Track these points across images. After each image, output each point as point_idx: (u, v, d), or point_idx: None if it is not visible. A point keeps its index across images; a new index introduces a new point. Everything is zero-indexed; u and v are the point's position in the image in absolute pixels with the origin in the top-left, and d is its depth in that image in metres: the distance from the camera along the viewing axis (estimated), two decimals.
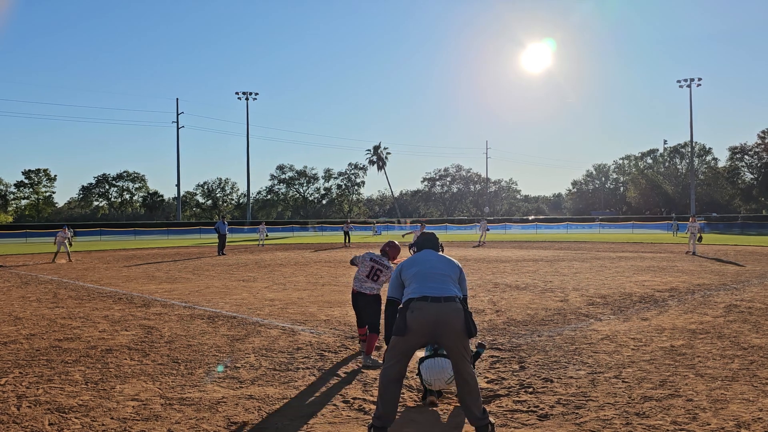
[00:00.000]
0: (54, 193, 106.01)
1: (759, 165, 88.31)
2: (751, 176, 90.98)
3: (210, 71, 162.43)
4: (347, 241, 35.88)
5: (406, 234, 28.62)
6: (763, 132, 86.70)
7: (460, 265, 4.53)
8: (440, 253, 4.68)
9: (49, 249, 24.72)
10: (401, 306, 4.25)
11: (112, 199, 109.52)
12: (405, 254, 5.44)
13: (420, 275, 4.30)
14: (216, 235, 27.78)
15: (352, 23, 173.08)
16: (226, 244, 29.22)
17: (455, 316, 4.07)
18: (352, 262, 6.90)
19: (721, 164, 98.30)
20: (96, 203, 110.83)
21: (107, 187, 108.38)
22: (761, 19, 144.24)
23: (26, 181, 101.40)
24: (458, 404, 4.63)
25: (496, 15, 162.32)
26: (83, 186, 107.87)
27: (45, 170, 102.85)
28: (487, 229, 36.57)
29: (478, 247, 31.13)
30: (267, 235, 41.10)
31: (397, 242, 6.77)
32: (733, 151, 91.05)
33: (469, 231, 62.29)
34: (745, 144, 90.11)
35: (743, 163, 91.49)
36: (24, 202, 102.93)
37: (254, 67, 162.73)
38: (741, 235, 48.37)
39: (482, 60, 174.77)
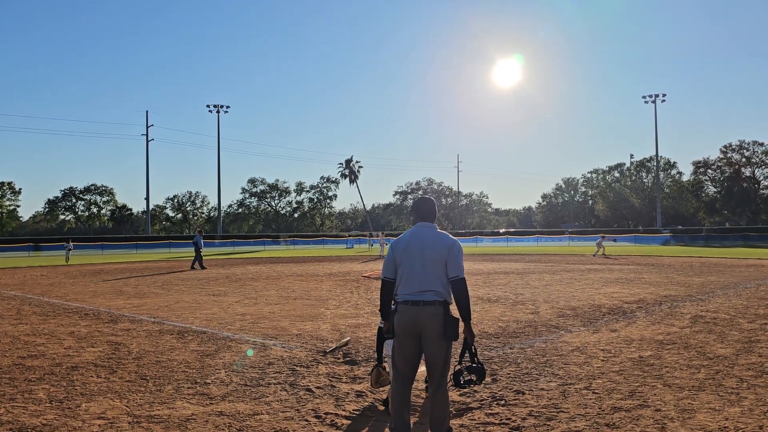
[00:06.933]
0: (18, 206, 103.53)
1: (722, 179, 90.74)
2: (714, 189, 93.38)
3: (181, 84, 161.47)
4: None
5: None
6: (725, 147, 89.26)
7: (451, 241, 4.18)
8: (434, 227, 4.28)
9: (7, 264, 23.98)
10: (393, 305, 4.22)
11: (79, 212, 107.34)
12: None
13: (406, 272, 4.11)
14: (194, 249, 26.69)
15: (326, 39, 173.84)
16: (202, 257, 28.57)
17: (434, 321, 4.04)
18: None
19: (685, 178, 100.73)
20: (62, 217, 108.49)
21: (74, 200, 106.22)
22: (723, 38, 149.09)
23: None
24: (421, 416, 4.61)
25: (468, 32, 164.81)
26: (49, 199, 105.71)
27: (9, 183, 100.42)
28: None
29: None
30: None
31: None
32: (697, 165, 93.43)
33: None
34: (708, 158, 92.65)
35: (707, 177, 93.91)
36: None
37: (226, 80, 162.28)
38: (705, 247, 49.55)
39: (454, 75, 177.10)
